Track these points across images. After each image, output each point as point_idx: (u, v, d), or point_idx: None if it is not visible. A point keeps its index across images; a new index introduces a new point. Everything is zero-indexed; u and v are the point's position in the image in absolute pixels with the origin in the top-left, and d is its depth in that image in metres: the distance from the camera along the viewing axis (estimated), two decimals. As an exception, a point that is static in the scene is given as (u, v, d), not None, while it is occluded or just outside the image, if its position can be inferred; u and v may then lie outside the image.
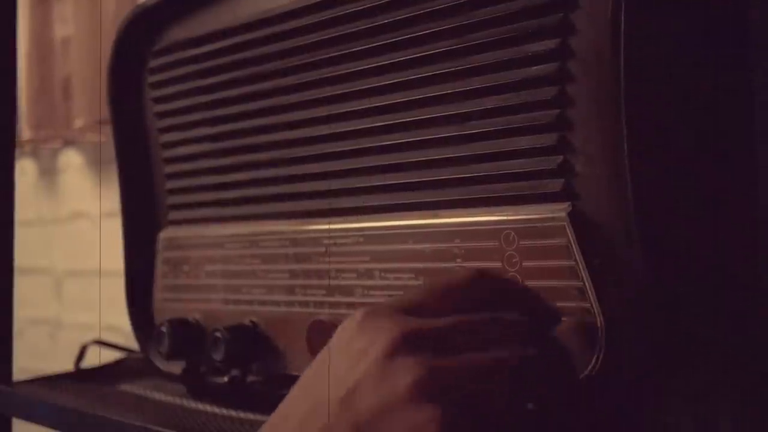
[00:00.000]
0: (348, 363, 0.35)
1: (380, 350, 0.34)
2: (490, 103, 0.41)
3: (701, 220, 0.39)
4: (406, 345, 0.34)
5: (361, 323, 0.36)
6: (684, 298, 0.38)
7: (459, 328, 0.37)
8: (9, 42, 0.73)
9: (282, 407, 0.36)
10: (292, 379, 0.38)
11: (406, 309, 0.37)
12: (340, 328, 0.37)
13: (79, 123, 1.42)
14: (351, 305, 0.47)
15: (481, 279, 0.40)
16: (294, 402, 0.36)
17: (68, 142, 1.56)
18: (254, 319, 0.53)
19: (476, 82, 0.42)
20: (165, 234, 0.61)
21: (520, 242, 0.40)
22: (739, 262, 0.40)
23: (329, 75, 0.49)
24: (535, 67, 0.40)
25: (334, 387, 0.34)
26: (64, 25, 1.49)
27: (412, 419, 0.32)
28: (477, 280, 0.40)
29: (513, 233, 0.40)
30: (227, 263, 0.56)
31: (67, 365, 0.73)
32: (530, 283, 0.40)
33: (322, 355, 0.37)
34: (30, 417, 0.64)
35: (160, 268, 0.61)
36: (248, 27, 0.54)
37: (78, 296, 1.54)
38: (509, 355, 0.36)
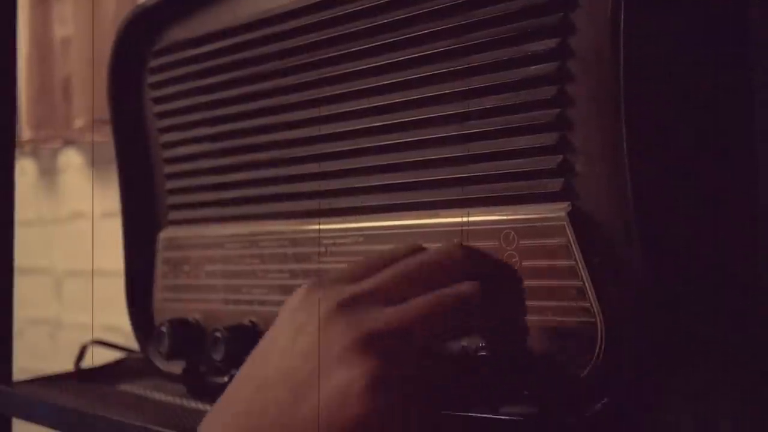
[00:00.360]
0: (290, 338, 0.35)
1: (318, 321, 0.34)
2: (489, 102, 0.41)
3: (701, 220, 0.39)
4: (341, 312, 0.35)
5: (303, 298, 0.37)
6: (684, 297, 0.38)
7: (394, 280, 0.37)
8: (9, 42, 0.73)
9: (229, 388, 0.36)
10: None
11: (346, 279, 0.37)
12: (283, 306, 0.38)
13: (79, 123, 1.42)
14: (351, 305, 0.47)
15: (419, 250, 0.40)
16: (240, 382, 0.36)
17: (68, 142, 1.56)
18: (254, 319, 0.53)
19: (476, 82, 0.42)
20: (165, 234, 0.61)
21: (520, 242, 0.40)
22: (739, 262, 0.39)
23: (329, 75, 0.49)
24: (534, 67, 0.40)
25: (277, 362, 0.35)
26: (64, 25, 1.49)
27: (342, 375, 0.33)
28: (417, 250, 0.40)
29: (513, 233, 0.40)
30: (227, 263, 0.56)
31: (67, 365, 0.73)
32: (530, 283, 0.40)
33: (267, 333, 0.37)
34: (30, 417, 0.64)
35: (160, 268, 0.61)
36: (248, 27, 0.54)
37: (78, 296, 1.54)
38: (442, 296, 0.36)
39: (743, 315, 0.39)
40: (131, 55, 0.62)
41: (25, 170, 1.66)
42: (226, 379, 0.53)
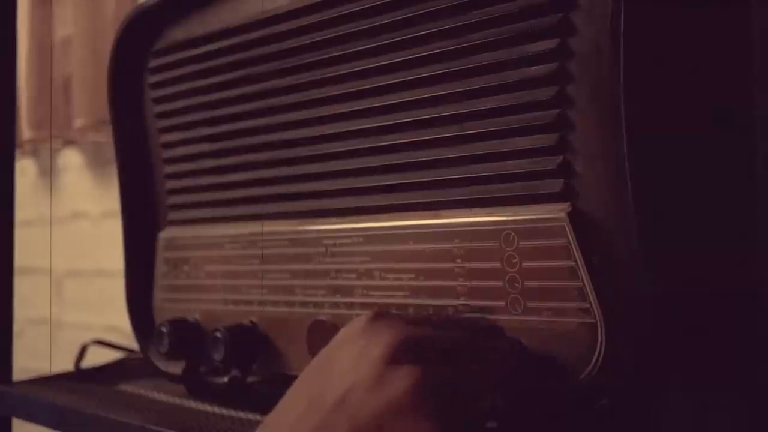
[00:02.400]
0: (347, 364, 0.35)
1: (379, 353, 0.34)
2: (489, 103, 0.41)
3: (701, 220, 0.39)
4: (405, 350, 0.34)
5: (364, 326, 0.36)
6: (684, 297, 0.38)
7: (461, 341, 0.37)
8: (9, 42, 0.73)
9: (279, 405, 0.36)
10: (292, 380, 0.38)
11: (410, 320, 0.37)
12: (343, 329, 0.37)
13: (79, 123, 1.42)
14: (351, 305, 0.47)
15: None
16: (290, 400, 0.36)
17: (68, 142, 1.56)
18: (254, 319, 0.53)
19: (476, 83, 0.42)
20: (165, 234, 0.61)
21: (520, 243, 0.40)
22: (740, 261, 0.39)
23: (329, 75, 0.49)
24: (534, 67, 0.40)
25: (331, 387, 0.34)
26: (65, 25, 1.49)
27: (412, 425, 0.32)
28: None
29: (513, 234, 0.40)
30: (227, 263, 0.56)
31: (67, 365, 0.73)
32: (530, 283, 0.40)
33: (321, 354, 0.37)
34: (30, 417, 0.64)
35: (160, 268, 0.61)
36: (248, 27, 0.54)
37: (78, 296, 1.54)
38: (508, 365, 0.37)
39: (743, 314, 0.39)
40: (131, 56, 0.62)
41: (25, 170, 1.66)
42: (226, 379, 0.53)
